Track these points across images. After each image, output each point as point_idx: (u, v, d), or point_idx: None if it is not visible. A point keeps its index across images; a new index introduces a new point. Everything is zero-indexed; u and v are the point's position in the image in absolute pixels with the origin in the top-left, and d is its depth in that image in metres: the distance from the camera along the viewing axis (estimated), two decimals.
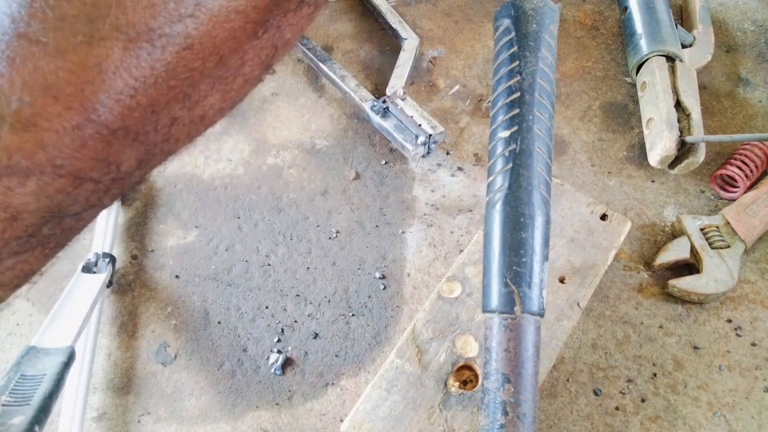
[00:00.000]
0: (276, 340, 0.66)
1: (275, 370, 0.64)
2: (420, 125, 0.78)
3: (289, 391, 0.63)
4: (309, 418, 0.61)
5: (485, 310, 0.45)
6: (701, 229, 0.70)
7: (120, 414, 0.61)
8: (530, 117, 0.47)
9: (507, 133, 0.47)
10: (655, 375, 0.63)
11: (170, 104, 0.26)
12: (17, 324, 0.67)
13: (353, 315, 0.68)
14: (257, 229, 0.75)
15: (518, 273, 0.44)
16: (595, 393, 0.62)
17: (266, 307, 0.69)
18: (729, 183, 0.77)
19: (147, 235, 0.74)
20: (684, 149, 0.75)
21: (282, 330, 0.67)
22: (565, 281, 0.62)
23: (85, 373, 0.60)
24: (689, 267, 0.70)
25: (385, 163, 0.81)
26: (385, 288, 0.70)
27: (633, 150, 0.82)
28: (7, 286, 0.25)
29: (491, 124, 0.49)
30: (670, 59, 0.82)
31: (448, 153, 0.82)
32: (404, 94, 0.81)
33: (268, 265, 0.72)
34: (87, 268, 0.65)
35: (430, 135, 0.77)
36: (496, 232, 0.45)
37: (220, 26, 0.24)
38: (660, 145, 0.74)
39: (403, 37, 0.92)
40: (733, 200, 0.74)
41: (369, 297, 0.69)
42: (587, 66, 0.92)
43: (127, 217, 0.76)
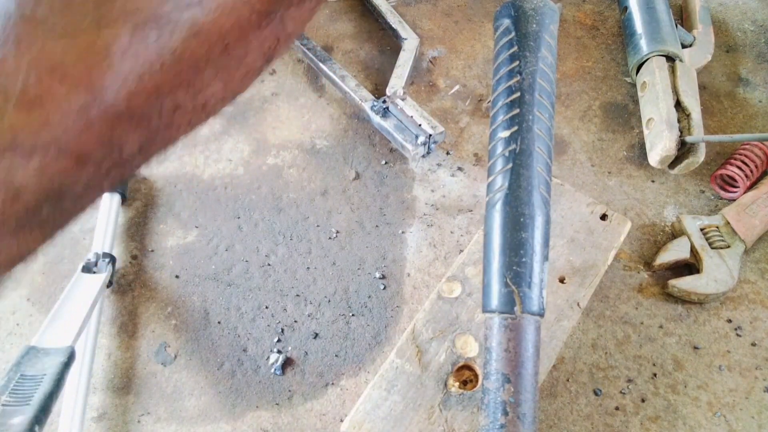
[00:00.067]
0: (276, 340, 0.66)
1: (275, 370, 0.64)
2: (420, 125, 0.78)
3: (289, 391, 0.63)
4: (309, 418, 0.61)
5: (485, 310, 0.45)
6: (701, 229, 0.70)
7: (120, 414, 0.61)
8: (530, 117, 0.47)
9: (507, 133, 0.47)
10: (655, 375, 0.63)
11: (175, 90, 0.26)
12: (17, 324, 0.67)
13: (353, 315, 0.68)
14: (257, 229, 0.75)
15: (518, 273, 0.44)
16: (595, 393, 0.62)
17: (266, 307, 0.69)
18: (729, 183, 0.77)
19: (147, 235, 0.74)
20: (684, 149, 0.75)
21: (282, 330, 0.67)
22: (565, 281, 0.62)
23: (85, 373, 0.60)
24: (689, 267, 0.70)
25: (385, 163, 0.81)
26: (385, 288, 0.70)
27: (633, 150, 0.82)
28: (2, 265, 0.25)
29: (491, 124, 0.49)
30: (670, 59, 0.82)
31: (448, 153, 0.82)
32: (404, 94, 0.81)
33: (268, 265, 0.72)
34: (87, 268, 0.65)
35: (430, 135, 0.77)
36: (496, 232, 0.45)
37: (226, 15, 0.25)
38: (660, 145, 0.74)
39: (403, 37, 0.92)
40: (733, 200, 0.74)
41: (369, 297, 0.69)
42: (587, 66, 0.92)
43: (127, 217, 0.76)
